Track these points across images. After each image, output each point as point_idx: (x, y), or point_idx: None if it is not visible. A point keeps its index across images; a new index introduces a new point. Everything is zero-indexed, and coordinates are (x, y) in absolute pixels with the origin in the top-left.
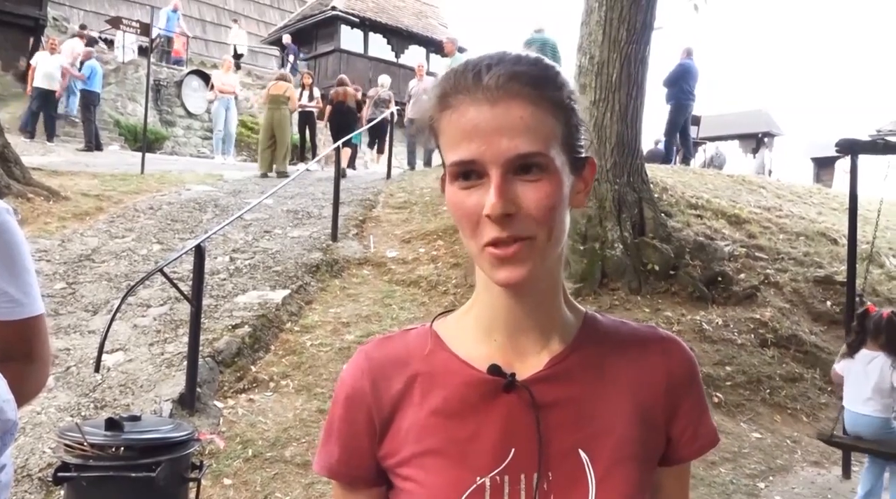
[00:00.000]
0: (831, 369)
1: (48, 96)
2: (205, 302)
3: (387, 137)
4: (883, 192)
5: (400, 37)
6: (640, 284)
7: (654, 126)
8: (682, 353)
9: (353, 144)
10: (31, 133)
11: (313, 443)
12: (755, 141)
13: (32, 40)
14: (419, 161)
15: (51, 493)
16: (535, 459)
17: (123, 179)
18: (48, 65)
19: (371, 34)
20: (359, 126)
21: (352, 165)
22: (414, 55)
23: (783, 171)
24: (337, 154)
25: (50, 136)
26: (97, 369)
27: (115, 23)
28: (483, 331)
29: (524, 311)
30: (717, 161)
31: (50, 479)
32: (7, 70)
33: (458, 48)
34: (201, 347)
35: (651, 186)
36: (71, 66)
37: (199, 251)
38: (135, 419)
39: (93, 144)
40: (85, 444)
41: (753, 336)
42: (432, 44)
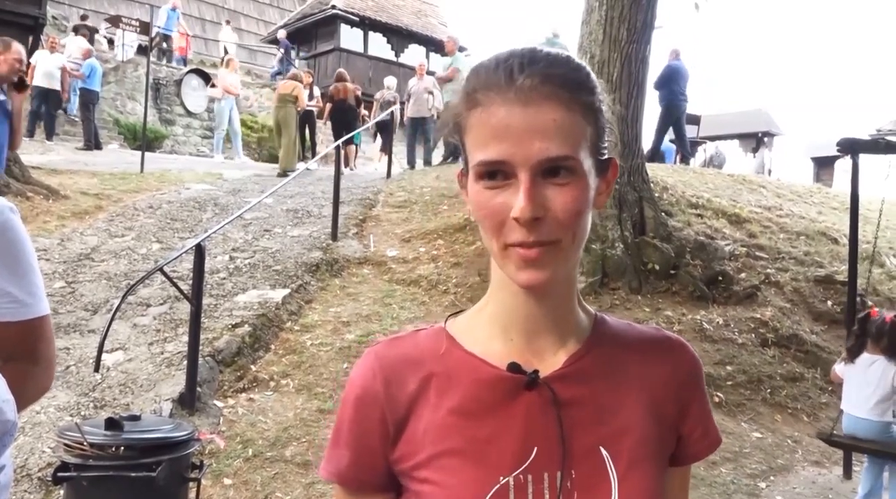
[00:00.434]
0: (831, 369)
1: (47, 95)
2: (205, 301)
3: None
4: (884, 191)
5: (400, 36)
6: (641, 284)
7: (654, 126)
8: (689, 353)
9: (355, 144)
10: (31, 132)
11: (313, 443)
12: (755, 140)
13: (32, 39)
14: (419, 160)
15: (50, 493)
16: (558, 457)
17: (123, 177)
18: (48, 64)
19: (371, 33)
20: (359, 124)
21: (351, 165)
22: (414, 54)
23: (783, 170)
24: (337, 153)
25: (49, 134)
26: (97, 369)
27: (115, 21)
28: (499, 330)
29: (542, 311)
30: (717, 160)
31: (49, 479)
32: None
33: (459, 47)
34: (201, 347)
35: (651, 185)
36: (72, 65)
37: (199, 250)
38: (135, 419)
39: (92, 143)
40: (85, 443)
41: (754, 336)
42: (432, 43)
